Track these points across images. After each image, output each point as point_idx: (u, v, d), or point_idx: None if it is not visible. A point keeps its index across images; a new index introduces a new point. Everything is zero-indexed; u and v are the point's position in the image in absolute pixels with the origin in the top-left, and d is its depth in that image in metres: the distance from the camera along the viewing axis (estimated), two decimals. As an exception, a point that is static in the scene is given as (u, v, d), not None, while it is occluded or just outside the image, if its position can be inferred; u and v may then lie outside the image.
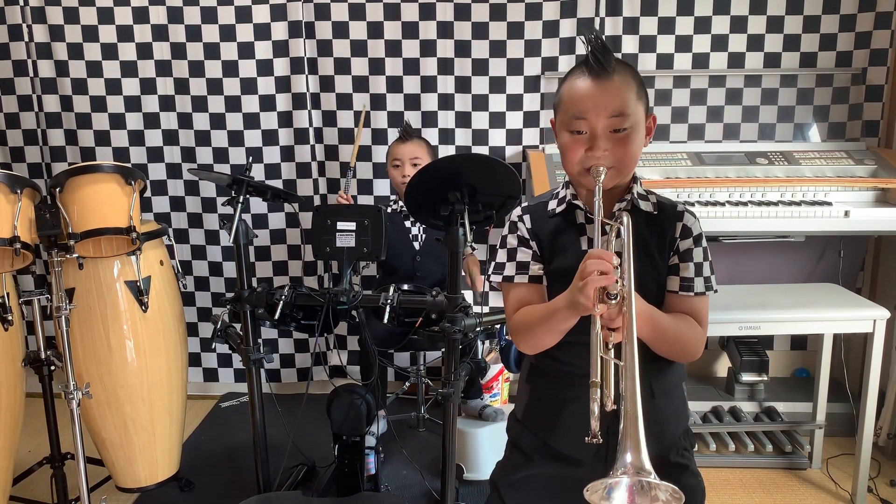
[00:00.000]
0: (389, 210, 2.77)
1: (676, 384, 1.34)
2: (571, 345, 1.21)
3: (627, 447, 0.94)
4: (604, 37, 2.80)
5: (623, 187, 1.27)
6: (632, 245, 1.11)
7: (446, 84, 2.95)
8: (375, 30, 2.92)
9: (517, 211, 1.34)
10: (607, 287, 1.03)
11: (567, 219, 1.29)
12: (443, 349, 1.97)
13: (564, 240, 1.27)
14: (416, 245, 2.69)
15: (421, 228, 2.71)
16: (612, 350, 1.06)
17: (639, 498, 0.92)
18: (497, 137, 2.98)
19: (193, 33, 2.94)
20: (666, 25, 2.84)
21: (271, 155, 3.07)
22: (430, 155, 2.68)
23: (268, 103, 3.01)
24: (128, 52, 2.98)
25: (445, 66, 2.93)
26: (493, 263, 1.34)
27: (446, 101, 2.97)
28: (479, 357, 2.66)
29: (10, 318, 2.05)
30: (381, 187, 3.07)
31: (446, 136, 3.00)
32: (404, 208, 2.70)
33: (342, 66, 2.96)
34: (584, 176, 1.21)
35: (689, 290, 1.24)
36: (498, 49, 2.89)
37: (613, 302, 1.04)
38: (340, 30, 2.93)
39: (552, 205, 1.32)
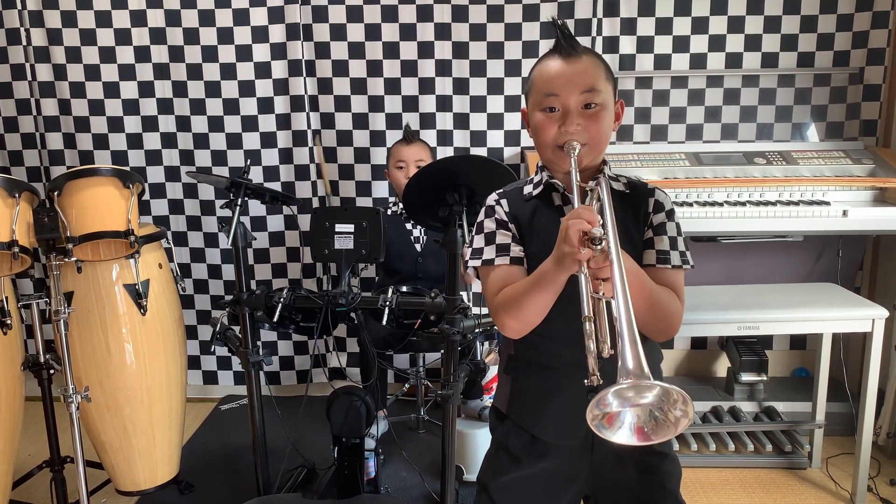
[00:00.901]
0: (389, 212, 2.77)
1: (654, 367, 1.34)
2: (553, 332, 1.20)
3: (627, 356, 0.91)
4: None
5: (594, 168, 1.29)
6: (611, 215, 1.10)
7: (444, 85, 2.95)
8: (373, 32, 2.92)
9: (493, 196, 1.34)
10: (591, 233, 1.01)
11: (544, 201, 1.30)
12: (442, 351, 1.96)
13: (543, 222, 1.28)
14: (418, 247, 2.70)
15: (422, 230, 2.71)
16: (603, 296, 1.03)
17: (649, 426, 0.91)
18: (495, 138, 2.99)
19: (191, 36, 2.94)
20: (663, 26, 2.84)
21: (270, 157, 3.07)
22: (432, 158, 2.68)
23: (266, 106, 3.01)
24: (126, 55, 2.98)
25: (443, 68, 2.94)
26: (469, 250, 1.33)
27: (444, 103, 2.97)
28: (479, 358, 2.66)
29: (8, 321, 2.05)
30: (380, 189, 3.07)
31: (445, 138, 3.00)
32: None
33: (340, 68, 2.97)
34: (557, 154, 1.23)
35: (667, 263, 1.25)
36: (496, 50, 2.90)
37: (598, 247, 1.01)
38: (338, 32, 2.93)
39: (528, 189, 1.33)
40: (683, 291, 1.27)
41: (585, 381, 0.98)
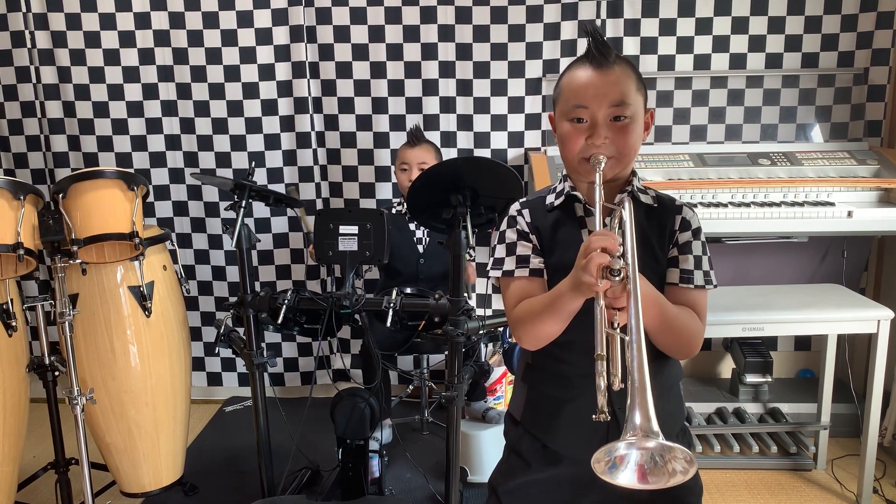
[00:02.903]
0: (394, 212, 2.77)
1: (673, 384, 1.34)
2: (571, 344, 1.20)
3: (636, 410, 0.92)
4: (606, 38, 2.83)
5: (622, 181, 1.27)
6: (634, 230, 1.10)
7: (448, 87, 2.95)
8: (376, 33, 2.92)
9: (515, 206, 1.33)
10: (610, 264, 1.02)
11: (566, 212, 1.29)
12: (446, 352, 1.96)
13: (564, 233, 1.26)
14: (420, 248, 2.70)
15: (425, 231, 2.71)
16: (618, 329, 1.04)
17: (648, 466, 0.91)
18: (499, 140, 2.98)
19: (195, 38, 2.95)
20: (667, 27, 2.84)
21: (273, 159, 3.07)
22: (438, 159, 2.67)
23: (270, 107, 3.02)
24: (130, 57, 2.98)
25: (447, 70, 2.94)
26: (491, 259, 1.32)
27: (448, 105, 2.97)
28: (483, 360, 2.66)
29: (14, 323, 2.06)
30: (383, 191, 3.07)
31: (448, 139, 3.00)
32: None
33: (344, 70, 2.97)
34: (583, 165, 1.21)
35: (689, 283, 1.24)
36: (499, 52, 2.90)
37: (617, 279, 1.01)
38: (342, 34, 2.93)
39: (550, 199, 1.31)
40: (706, 311, 1.26)
41: (594, 416, 1.00)
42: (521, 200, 1.34)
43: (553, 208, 1.30)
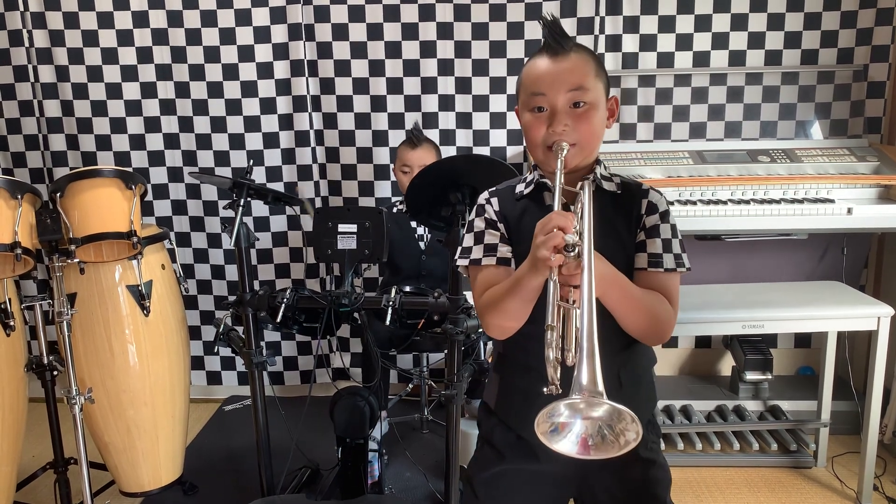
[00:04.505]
0: (395, 210, 2.76)
1: (645, 371, 1.33)
2: (538, 335, 1.19)
3: (583, 372, 0.90)
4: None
5: (586, 168, 1.27)
6: (597, 223, 1.09)
7: (447, 85, 2.95)
8: (375, 31, 2.92)
9: (484, 194, 1.33)
10: (565, 241, 1.00)
11: (535, 200, 1.29)
12: (445, 351, 1.96)
13: (531, 221, 1.23)
14: (422, 245, 2.69)
15: (426, 228, 2.70)
16: (573, 303, 1.02)
17: (594, 434, 0.90)
18: (498, 138, 2.98)
19: (193, 37, 2.94)
20: (666, 24, 2.83)
21: (272, 158, 3.07)
22: (438, 159, 2.66)
23: (268, 106, 3.01)
24: (128, 56, 2.98)
25: (446, 67, 2.93)
26: (458, 248, 1.32)
27: (447, 102, 2.97)
28: (482, 358, 2.65)
29: (12, 323, 2.05)
30: (382, 189, 3.07)
31: (447, 137, 3.00)
32: None
33: (342, 68, 2.96)
34: (547, 154, 1.22)
35: (658, 266, 1.23)
36: (498, 49, 2.89)
37: (571, 254, 1.00)
38: (340, 32, 2.93)
39: (520, 188, 1.31)
40: (677, 295, 1.25)
41: (545, 389, 0.99)
42: (490, 189, 1.34)
43: (522, 197, 1.30)
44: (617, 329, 1.19)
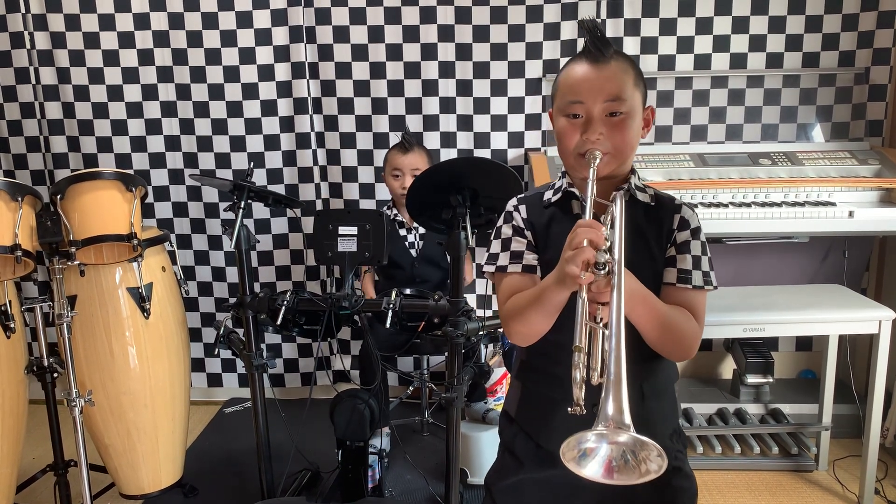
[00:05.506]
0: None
1: (667, 385, 1.33)
2: (565, 344, 1.19)
3: (609, 402, 0.90)
4: (604, 34, 2.82)
5: (620, 178, 1.26)
6: (628, 234, 1.08)
7: (447, 87, 2.95)
8: (376, 34, 2.92)
9: (513, 201, 1.33)
10: (595, 258, 0.99)
11: (563, 208, 1.28)
12: (446, 353, 1.96)
13: (559, 229, 1.25)
14: (413, 252, 2.69)
15: (417, 236, 2.70)
16: (601, 323, 1.02)
17: (618, 461, 0.89)
18: (499, 140, 2.98)
19: (194, 39, 2.94)
20: (667, 27, 2.83)
21: (273, 160, 3.07)
22: (430, 164, 2.66)
23: (269, 108, 3.01)
24: (129, 58, 2.98)
25: (446, 70, 2.93)
26: (486, 254, 1.32)
27: (447, 105, 2.97)
28: (483, 361, 2.65)
29: (12, 325, 2.05)
30: (383, 192, 3.06)
31: (448, 140, 3.00)
32: (398, 217, 2.70)
33: (343, 70, 2.96)
34: (579, 161, 1.20)
35: (687, 283, 1.22)
36: (499, 52, 2.89)
37: (602, 272, 0.99)
38: (341, 34, 2.93)
39: (548, 195, 1.31)
40: (703, 312, 1.24)
41: (569, 409, 0.98)
42: (518, 196, 1.34)
43: (550, 205, 1.29)
44: (640, 340, 1.18)
